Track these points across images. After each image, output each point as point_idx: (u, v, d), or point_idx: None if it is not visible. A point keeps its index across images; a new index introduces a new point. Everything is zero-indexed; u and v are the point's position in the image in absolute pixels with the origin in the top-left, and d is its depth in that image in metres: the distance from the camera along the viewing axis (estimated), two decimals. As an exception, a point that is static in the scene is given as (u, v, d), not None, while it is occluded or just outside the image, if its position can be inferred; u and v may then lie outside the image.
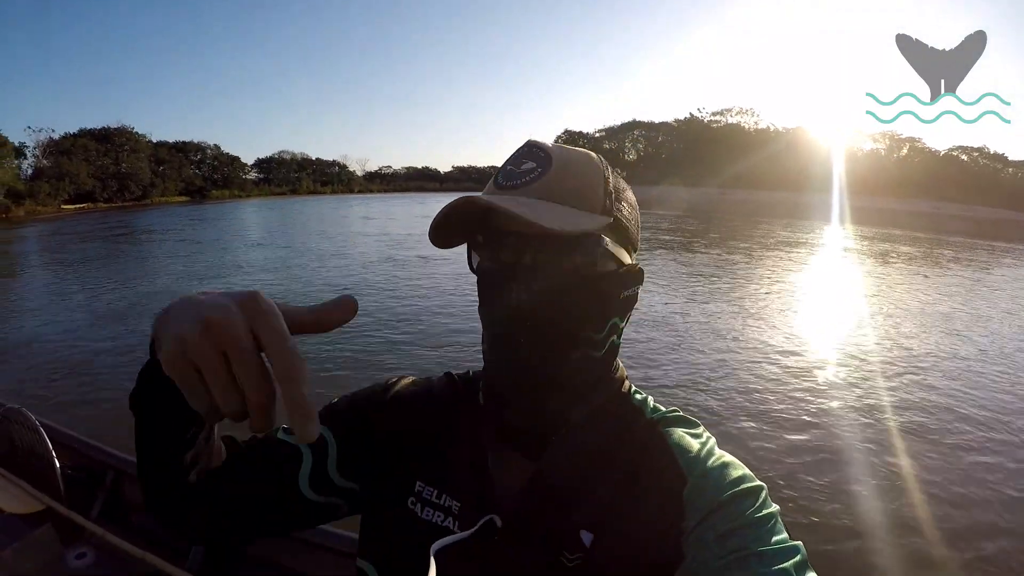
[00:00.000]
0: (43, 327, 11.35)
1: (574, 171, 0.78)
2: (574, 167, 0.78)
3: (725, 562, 0.69)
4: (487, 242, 0.78)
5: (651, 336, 10.31)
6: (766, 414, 6.89)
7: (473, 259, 0.83)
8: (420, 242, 23.38)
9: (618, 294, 0.80)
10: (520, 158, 0.78)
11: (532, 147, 0.79)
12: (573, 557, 0.76)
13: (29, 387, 7.82)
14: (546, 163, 0.76)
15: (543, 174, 0.75)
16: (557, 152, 0.78)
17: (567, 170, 0.77)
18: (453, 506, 0.83)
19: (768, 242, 27.35)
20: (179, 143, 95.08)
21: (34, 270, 19.89)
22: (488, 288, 0.80)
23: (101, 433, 3.78)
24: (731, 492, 0.75)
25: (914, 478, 5.46)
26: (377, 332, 10.19)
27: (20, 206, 55.22)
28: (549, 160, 0.77)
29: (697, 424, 0.88)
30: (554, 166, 0.76)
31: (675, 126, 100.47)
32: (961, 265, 22.16)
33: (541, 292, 0.74)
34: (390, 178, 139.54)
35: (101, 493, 3.10)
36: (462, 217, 0.76)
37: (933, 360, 9.25)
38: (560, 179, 0.76)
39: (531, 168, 0.76)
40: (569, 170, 0.77)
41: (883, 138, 78.87)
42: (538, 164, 0.77)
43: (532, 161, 0.77)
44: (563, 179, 0.76)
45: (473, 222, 0.79)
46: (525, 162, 0.78)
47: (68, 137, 73.25)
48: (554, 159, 0.77)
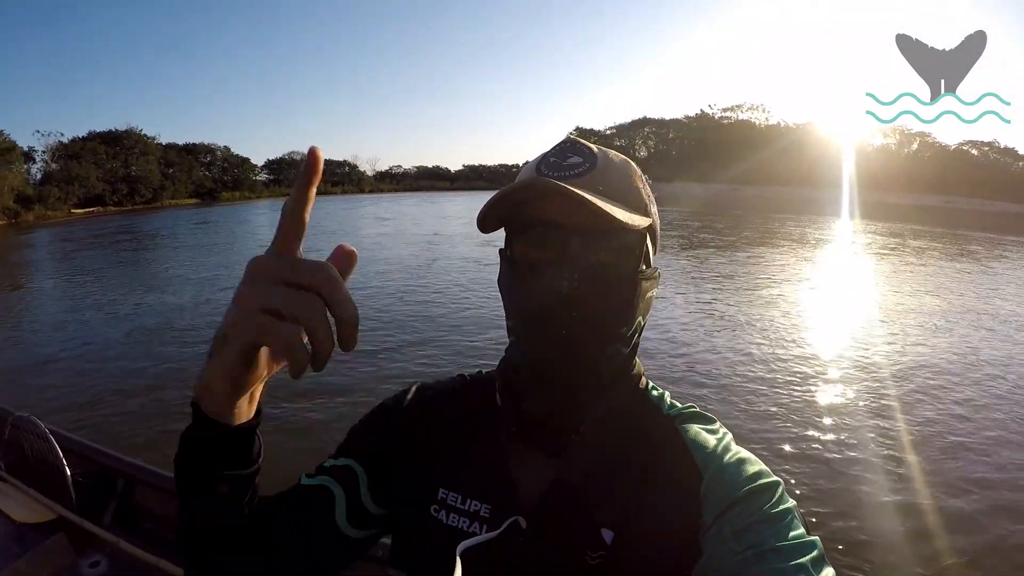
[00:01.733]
0: (52, 333, 11.39)
1: (618, 171, 0.79)
2: (617, 167, 0.80)
3: (742, 557, 0.68)
4: (526, 230, 0.77)
5: (668, 331, 10.21)
6: (789, 410, 6.79)
7: (511, 247, 0.82)
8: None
9: (647, 293, 0.81)
10: (564, 152, 0.79)
11: (575, 143, 0.80)
12: (595, 555, 0.75)
13: (38, 394, 7.88)
14: (592, 160, 0.77)
15: (591, 169, 0.76)
16: (600, 151, 0.80)
17: (611, 168, 0.78)
18: (482, 509, 0.82)
19: (782, 238, 27.03)
20: (188, 145, 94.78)
21: (42, 276, 19.89)
22: (527, 276, 0.78)
23: (111, 438, 3.80)
24: (748, 488, 0.74)
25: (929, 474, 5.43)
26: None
27: (30, 211, 55.34)
28: (594, 157, 0.78)
29: (714, 420, 0.88)
30: (599, 164, 0.77)
31: (686, 123, 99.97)
32: (976, 260, 21.99)
33: (587, 282, 0.74)
34: (400, 177, 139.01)
35: (113, 499, 3.10)
36: (509, 202, 0.76)
37: (965, 359, 9.13)
38: (607, 176, 0.77)
39: (578, 162, 0.77)
40: (613, 169, 0.78)
41: (893, 133, 78.76)
42: (584, 160, 0.77)
43: (577, 156, 0.78)
44: (610, 177, 0.77)
45: (512, 207, 0.78)
46: (570, 156, 0.78)
47: (77, 141, 73.08)
48: (599, 157, 0.78)
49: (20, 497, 2.99)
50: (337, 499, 0.85)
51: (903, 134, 79.20)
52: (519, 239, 0.79)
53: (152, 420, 6.73)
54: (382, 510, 0.88)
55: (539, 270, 0.76)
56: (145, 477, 3.11)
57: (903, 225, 35.77)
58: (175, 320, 11.85)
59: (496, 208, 0.76)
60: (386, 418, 0.94)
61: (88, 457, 3.24)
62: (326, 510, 0.84)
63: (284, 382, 7.10)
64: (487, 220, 0.78)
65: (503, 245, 0.84)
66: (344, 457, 0.88)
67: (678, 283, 15.08)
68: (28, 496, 3.00)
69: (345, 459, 0.88)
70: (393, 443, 0.91)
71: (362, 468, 0.87)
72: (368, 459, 0.89)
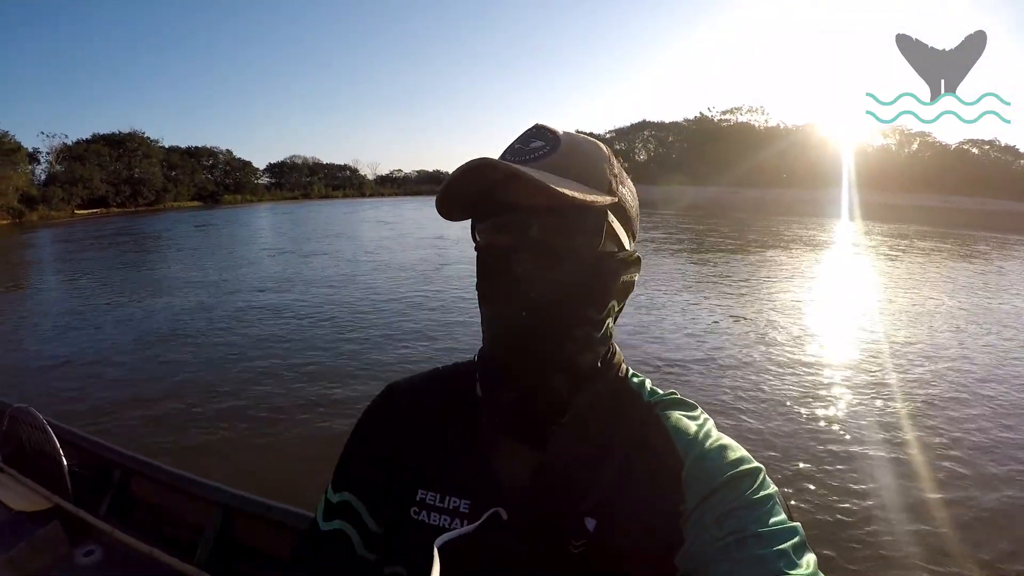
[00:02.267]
0: (52, 329, 11.29)
1: (582, 151, 0.79)
2: (581, 148, 0.79)
3: (724, 543, 0.68)
4: (491, 215, 0.78)
5: (670, 325, 10.29)
6: (789, 407, 6.82)
7: (476, 234, 0.82)
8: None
9: (619, 277, 0.81)
10: (528, 138, 0.79)
11: (540, 128, 0.80)
12: (578, 544, 0.75)
13: (36, 386, 7.90)
14: (555, 142, 0.77)
15: (552, 151, 0.76)
16: (565, 134, 0.80)
17: (575, 150, 0.78)
18: (461, 505, 0.82)
19: (787, 241, 26.88)
20: (191, 148, 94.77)
21: (44, 275, 20.10)
22: (492, 261, 0.79)
23: (108, 431, 3.83)
24: (729, 474, 0.74)
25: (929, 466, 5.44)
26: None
27: (34, 211, 55.67)
28: (558, 140, 0.78)
29: (695, 407, 0.88)
30: (561, 147, 0.77)
31: (685, 125, 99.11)
32: (987, 260, 21.83)
33: (548, 265, 0.74)
34: (401, 181, 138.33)
35: (109, 490, 3.15)
36: (468, 188, 0.76)
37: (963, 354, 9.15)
38: (568, 157, 0.76)
39: (540, 146, 0.77)
40: (577, 150, 0.78)
41: (893, 133, 78.29)
42: (547, 143, 0.77)
43: (540, 140, 0.78)
44: (571, 157, 0.77)
45: (476, 196, 0.78)
46: (533, 141, 0.78)
47: (81, 143, 73.58)
48: (562, 139, 0.78)
49: (17, 487, 3.02)
50: (352, 536, 0.88)
51: (903, 134, 78.64)
52: (481, 225, 0.80)
53: (149, 413, 6.77)
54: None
55: (499, 254, 0.77)
56: (141, 469, 3.15)
57: (905, 226, 35.56)
58: (173, 318, 11.95)
59: (448, 194, 0.76)
60: (363, 437, 0.96)
61: (85, 448, 3.27)
62: (349, 549, 0.88)
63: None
64: (449, 208, 0.79)
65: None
66: (340, 492, 0.91)
67: (690, 286, 15.09)
68: (25, 486, 3.03)
69: (341, 494, 0.90)
70: (375, 462, 0.92)
71: (358, 499, 0.89)
72: (360, 489, 0.90)
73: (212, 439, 6.01)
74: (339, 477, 0.94)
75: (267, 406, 6.94)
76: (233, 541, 2.90)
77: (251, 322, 11.41)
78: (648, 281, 15.30)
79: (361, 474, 0.92)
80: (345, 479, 0.93)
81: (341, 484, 0.92)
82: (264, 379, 8.02)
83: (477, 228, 0.81)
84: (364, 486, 0.90)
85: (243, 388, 7.66)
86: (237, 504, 2.88)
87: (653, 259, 20.10)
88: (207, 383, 7.88)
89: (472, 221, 0.82)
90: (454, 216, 0.81)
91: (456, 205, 0.79)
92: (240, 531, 2.90)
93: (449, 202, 0.78)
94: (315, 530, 0.91)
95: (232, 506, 2.88)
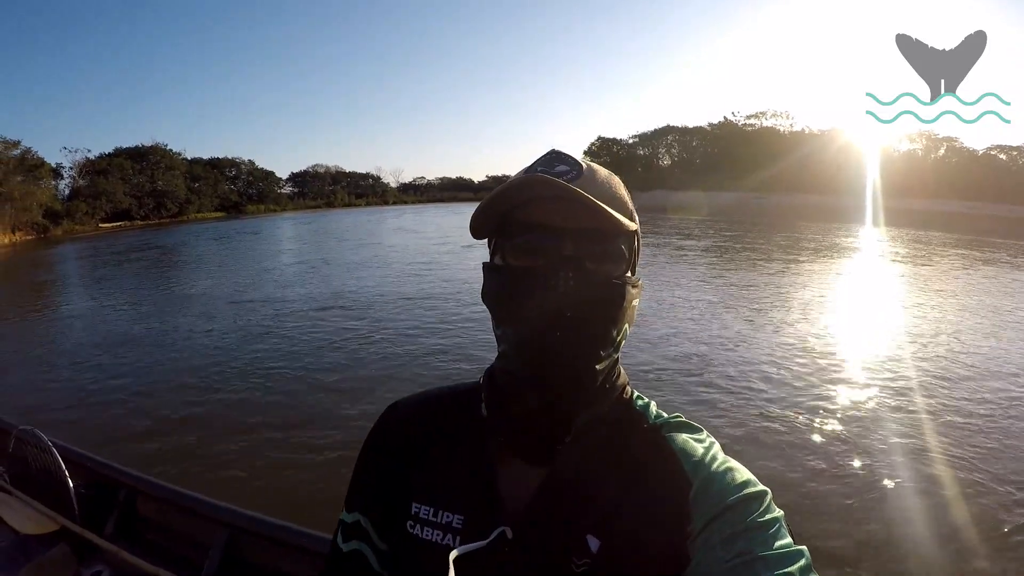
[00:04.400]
0: (63, 347, 11.56)
1: (603, 180, 0.81)
2: (602, 177, 0.82)
3: (731, 565, 0.69)
4: (521, 234, 0.79)
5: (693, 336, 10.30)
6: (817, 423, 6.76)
7: (497, 257, 0.84)
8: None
9: (632, 301, 0.82)
10: (551, 161, 0.81)
11: (560, 154, 0.82)
12: (580, 563, 0.75)
13: (42, 408, 7.90)
14: (578, 168, 0.79)
15: (579, 176, 0.78)
16: (584, 162, 0.82)
17: (597, 178, 0.80)
18: (454, 520, 0.83)
19: (811, 246, 26.79)
20: (213, 159, 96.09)
21: (61, 294, 20.30)
22: (524, 279, 0.78)
23: (113, 450, 3.85)
24: (737, 496, 0.74)
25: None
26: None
27: (58, 226, 56.74)
28: (580, 166, 0.80)
29: (700, 429, 0.88)
30: (585, 173, 0.79)
31: (709, 130, 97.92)
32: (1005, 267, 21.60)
33: (581, 284, 0.75)
34: (424, 188, 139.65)
35: (115, 510, 3.15)
36: (502, 207, 0.79)
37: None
38: (593, 184, 0.78)
39: (566, 170, 0.79)
40: (598, 178, 0.81)
41: (920, 138, 77.69)
42: (571, 168, 0.79)
43: (564, 164, 0.80)
44: (595, 185, 0.79)
45: (503, 215, 0.80)
46: (557, 165, 0.80)
47: (104, 157, 74.83)
48: (583, 167, 0.80)
49: (24, 509, 3.04)
50: (368, 556, 0.90)
51: (930, 139, 77.89)
52: (512, 244, 0.80)
53: (154, 432, 6.82)
54: None
55: (533, 274, 0.77)
56: (147, 488, 3.15)
57: (933, 232, 35.03)
58: (181, 335, 12.01)
59: (492, 209, 0.78)
60: (368, 457, 0.98)
61: (91, 469, 3.28)
62: (368, 568, 0.90)
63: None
64: (483, 225, 0.81)
65: (489, 259, 0.87)
66: (352, 512, 0.93)
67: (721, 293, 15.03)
68: (31, 508, 3.05)
69: (353, 515, 0.93)
70: (379, 482, 0.94)
71: (367, 519, 0.91)
72: (368, 509, 0.92)
73: (218, 458, 6.03)
74: (350, 498, 0.96)
75: (276, 424, 6.98)
76: (239, 560, 2.88)
77: (263, 340, 11.44)
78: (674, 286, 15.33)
79: (366, 495, 0.94)
80: (354, 500, 0.95)
81: (352, 505, 0.95)
82: (273, 397, 8.06)
83: (505, 247, 0.82)
84: (371, 507, 0.92)
85: (253, 407, 7.70)
86: (243, 524, 2.86)
87: (677, 266, 20.11)
88: (215, 401, 7.93)
89: (495, 240, 0.84)
90: (483, 233, 0.83)
91: (491, 222, 0.82)
92: (246, 550, 2.88)
93: (487, 218, 0.80)
94: (336, 552, 0.93)
95: (238, 525, 2.87)
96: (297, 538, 2.69)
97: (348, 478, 0.98)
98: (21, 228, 52.42)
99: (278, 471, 5.70)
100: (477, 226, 0.82)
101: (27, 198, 52.70)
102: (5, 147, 54.68)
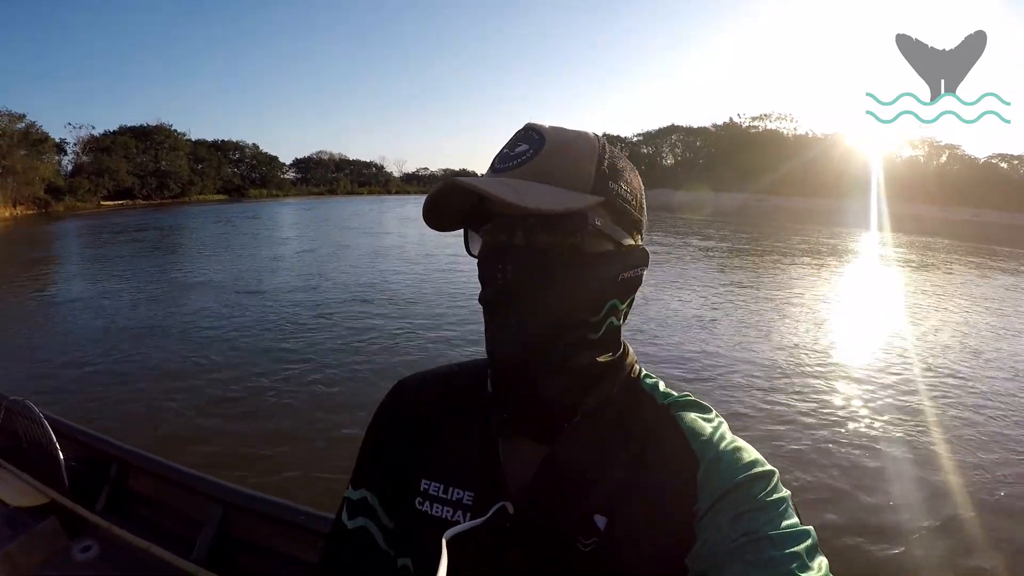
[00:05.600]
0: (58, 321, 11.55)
1: (565, 151, 0.77)
2: (566, 147, 0.78)
3: (737, 544, 0.69)
4: (482, 224, 0.79)
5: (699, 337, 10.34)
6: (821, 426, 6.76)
7: (472, 243, 0.83)
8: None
9: (616, 275, 0.79)
10: (516, 141, 0.79)
11: (528, 129, 0.80)
12: (588, 542, 0.75)
13: (35, 379, 7.91)
14: (539, 144, 0.76)
15: (534, 155, 0.75)
16: (552, 133, 0.78)
17: (559, 150, 0.77)
18: (465, 497, 0.82)
19: (812, 249, 26.87)
20: (217, 142, 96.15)
21: (60, 268, 20.31)
22: (483, 270, 0.80)
23: (106, 424, 3.80)
24: (744, 475, 0.74)
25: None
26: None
27: (60, 202, 56.84)
28: (542, 141, 0.77)
29: (709, 409, 0.87)
30: (546, 147, 0.76)
31: (713, 131, 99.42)
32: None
33: (530, 271, 0.75)
34: (427, 179, 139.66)
35: (106, 485, 3.12)
36: (454, 201, 0.78)
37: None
38: (550, 159, 0.76)
39: (524, 150, 0.77)
40: (561, 150, 0.77)
41: (922, 144, 77.87)
42: (531, 146, 0.77)
43: (526, 143, 0.77)
44: (553, 159, 0.76)
45: (469, 206, 0.79)
46: (520, 145, 0.78)
47: (108, 135, 74.73)
48: (547, 140, 0.77)
49: (13, 481, 3.01)
50: (375, 533, 0.89)
51: (932, 146, 78.21)
52: (474, 235, 0.82)
53: (148, 407, 6.81)
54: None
55: (489, 264, 0.78)
56: (139, 463, 3.12)
57: (936, 239, 35.13)
58: (180, 314, 12.01)
59: (431, 215, 0.79)
60: (375, 435, 0.97)
61: (82, 442, 3.25)
62: (373, 544, 0.89)
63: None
64: (438, 222, 0.80)
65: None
66: (359, 489, 0.92)
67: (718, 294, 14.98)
68: (21, 480, 3.02)
69: (360, 491, 0.92)
70: (386, 459, 0.93)
71: (374, 495, 0.91)
72: (375, 486, 0.92)
73: (210, 434, 6.00)
74: (357, 475, 0.95)
75: (271, 402, 6.98)
76: (233, 538, 2.86)
77: (264, 319, 11.46)
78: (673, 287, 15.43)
79: (374, 472, 0.93)
80: (361, 477, 0.94)
81: (359, 482, 0.94)
82: (268, 374, 8.05)
83: (470, 237, 0.82)
84: (378, 483, 0.91)
85: (247, 383, 7.70)
86: (238, 500, 2.84)
87: (677, 265, 20.10)
88: (209, 378, 7.92)
89: (464, 231, 0.83)
90: (444, 227, 0.82)
91: (445, 219, 0.81)
92: (240, 528, 2.85)
93: (436, 218, 0.80)
94: (341, 528, 0.92)
95: (233, 502, 2.85)
96: (293, 515, 2.66)
97: (347, 461, 0.96)
98: (23, 202, 52.58)
99: (275, 447, 5.65)
100: (431, 224, 0.80)
101: (30, 172, 52.85)
102: (10, 120, 54.79)
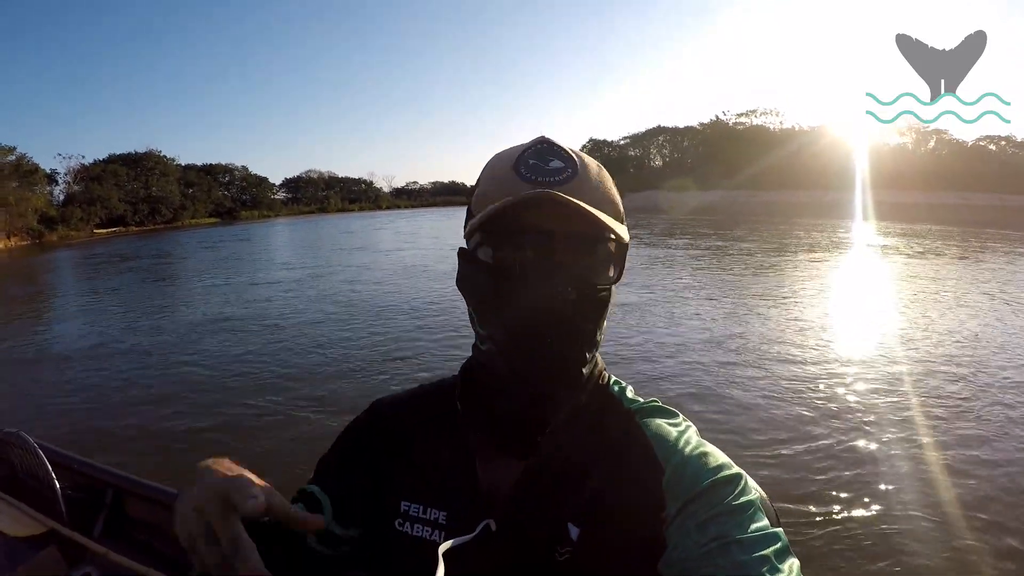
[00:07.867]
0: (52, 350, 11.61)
1: (597, 178, 0.80)
2: (596, 174, 0.80)
3: (706, 549, 0.69)
4: (512, 236, 0.77)
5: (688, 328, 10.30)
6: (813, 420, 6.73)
7: (481, 252, 0.81)
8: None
9: (611, 301, 0.82)
10: (543, 154, 0.79)
11: (552, 146, 0.81)
12: (563, 551, 0.76)
13: (28, 411, 7.92)
14: (573, 165, 0.78)
15: (574, 176, 0.77)
16: (576, 156, 0.80)
17: (592, 176, 0.79)
18: (440, 517, 0.83)
19: (796, 243, 26.83)
20: (207, 165, 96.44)
21: (53, 296, 20.36)
22: (511, 282, 0.77)
23: (100, 452, 3.82)
24: (710, 480, 0.74)
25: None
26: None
27: (53, 231, 56.66)
28: (575, 163, 0.78)
29: (676, 413, 0.88)
30: (580, 170, 0.78)
31: (700, 130, 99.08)
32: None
33: (575, 290, 0.75)
34: (417, 193, 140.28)
35: (102, 512, 3.14)
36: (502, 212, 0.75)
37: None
38: (589, 184, 0.78)
39: (560, 168, 0.77)
40: (593, 176, 0.79)
41: (909, 131, 77.53)
42: (566, 165, 0.78)
43: (558, 160, 0.78)
44: (592, 184, 0.78)
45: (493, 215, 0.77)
46: (551, 160, 0.79)
47: (98, 163, 74.83)
48: (578, 163, 0.79)
49: (11, 512, 3.02)
50: (322, 500, 0.88)
51: (919, 132, 77.81)
52: (502, 244, 0.78)
53: (142, 433, 6.83)
54: (349, 532, 0.89)
55: (526, 277, 0.75)
56: (134, 488, 3.15)
57: (923, 225, 35.14)
58: (172, 341, 11.97)
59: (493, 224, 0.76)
60: (344, 447, 0.97)
61: (78, 470, 3.28)
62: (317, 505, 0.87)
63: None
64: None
65: (468, 245, 0.84)
66: (311, 485, 0.91)
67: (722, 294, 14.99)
68: (19, 511, 3.03)
69: (311, 487, 0.90)
70: (351, 470, 0.93)
71: (326, 496, 0.89)
72: (333, 487, 0.90)
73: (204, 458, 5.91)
74: (316, 475, 0.95)
75: (266, 424, 6.99)
76: None
77: (250, 342, 11.43)
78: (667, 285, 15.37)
79: (333, 477, 0.93)
80: (320, 473, 0.95)
81: (313, 481, 0.93)
82: (258, 396, 8.05)
83: (493, 243, 0.79)
84: (333, 487, 0.90)
85: (241, 408, 7.67)
86: None
87: (667, 265, 20.17)
88: (203, 404, 7.91)
89: (479, 239, 0.81)
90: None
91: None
92: None
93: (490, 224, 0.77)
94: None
95: None
96: None
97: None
98: (16, 233, 52.42)
99: (266, 469, 5.60)
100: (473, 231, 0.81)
101: (22, 203, 52.77)
102: (1, 152, 54.70)
